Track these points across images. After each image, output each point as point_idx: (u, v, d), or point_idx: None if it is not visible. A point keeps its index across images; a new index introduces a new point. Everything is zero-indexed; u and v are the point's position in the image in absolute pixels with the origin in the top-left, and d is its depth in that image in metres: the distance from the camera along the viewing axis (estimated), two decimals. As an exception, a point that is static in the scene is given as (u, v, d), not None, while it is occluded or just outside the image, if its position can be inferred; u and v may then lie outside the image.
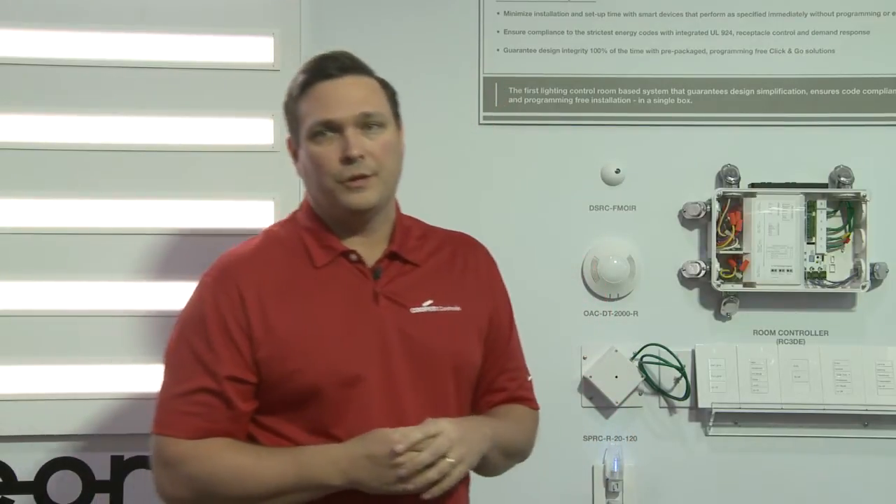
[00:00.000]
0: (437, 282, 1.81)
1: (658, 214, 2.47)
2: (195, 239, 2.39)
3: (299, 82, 1.77)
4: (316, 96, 1.73)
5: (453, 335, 1.79)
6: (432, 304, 1.78)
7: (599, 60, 2.48)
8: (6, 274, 2.35)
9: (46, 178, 2.36)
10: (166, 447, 1.71)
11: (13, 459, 2.37)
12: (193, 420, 1.70)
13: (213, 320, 1.71)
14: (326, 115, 1.71)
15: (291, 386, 1.70)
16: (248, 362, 1.70)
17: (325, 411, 1.70)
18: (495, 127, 2.48)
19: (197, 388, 1.70)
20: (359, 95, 1.73)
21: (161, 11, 2.40)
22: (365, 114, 1.72)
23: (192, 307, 1.77)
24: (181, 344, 1.74)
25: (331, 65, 1.75)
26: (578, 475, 2.45)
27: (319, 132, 1.72)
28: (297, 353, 1.69)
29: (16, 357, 2.34)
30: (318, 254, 1.76)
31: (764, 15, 2.48)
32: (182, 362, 1.73)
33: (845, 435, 2.45)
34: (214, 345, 1.70)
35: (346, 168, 1.70)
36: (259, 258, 1.77)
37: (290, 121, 1.80)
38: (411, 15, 2.47)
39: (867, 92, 2.47)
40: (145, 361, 2.36)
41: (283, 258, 1.77)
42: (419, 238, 1.84)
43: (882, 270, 2.43)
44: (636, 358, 2.44)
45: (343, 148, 1.70)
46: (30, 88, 2.37)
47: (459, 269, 1.86)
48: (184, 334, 1.75)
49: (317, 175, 1.73)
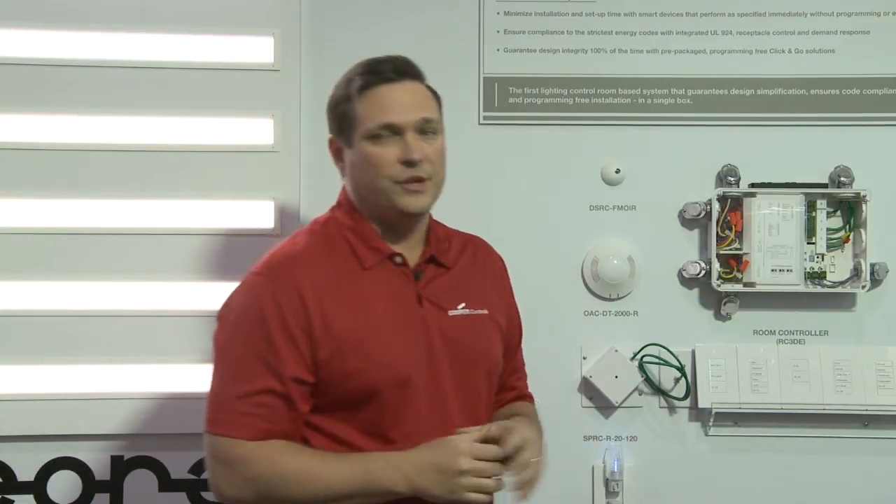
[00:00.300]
0: (467, 285, 1.85)
1: (658, 214, 2.47)
2: (195, 239, 2.39)
3: (358, 85, 1.77)
4: (376, 99, 1.75)
5: (484, 338, 1.84)
6: (465, 306, 1.82)
7: (599, 60, 2.48)
8: (6, 274, 2.35)
9: (46, 178, 2.36)
10: (228, 448, 1.69)
11: (13, 459, 2.38)
12: (256, 421, 1.69)
13: (273, 319, 1.70)
14: (389, 118, 1.74)
15: (349, 386, 1.71)
16: (308, 363, 1.71)
17: (380, 412, 1.72)
18: (495, 127, 2.48)
19: (260, 389, 1.69)
20: (417, 100, 1.77)
21: (161, 11, 2.40)
22: (425, 119, 1.76)
23: (246, 305, 1.74)
24: (236, 343, 1.72)
25: (387, 68, 1.77)
26: (578, 475, 2.45)
27: (380, 134, 1.74)
28: (356, 354, 1.71)
29: (16, 357, 2.35)
30: (366, 255, 1.78)
31: (764, 15, 2.48)
32: (240, 362, 1.71)
33: (845, 435, 2.45)
34: (276, 345, 1.69)
35: (405, 170, 1.73)
36: (312, 257, 1.77)
37: (339, 121, 1.81)
38: (411, 15, 2.47)
39: (867, 92, 2.47)
40: (146, 361, 2.37)
41: (332, 258, 1.78)
42: (444, 240, 1.88)
43: (882, 270, 2.43)
44: (636, 358, 2.44)
45: (403, 151, 1.73)
46: (30, 88, 2.37)
47: (480, 271, 1.90)
48: (239, 333, 1.73)
49: (371, 175, 1.75)
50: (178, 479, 2.41)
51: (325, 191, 2.37)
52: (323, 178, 2.39)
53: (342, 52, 2.43)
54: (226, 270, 2.38)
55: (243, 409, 1.69)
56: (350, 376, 1.71)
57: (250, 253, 2.35)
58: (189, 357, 2.36)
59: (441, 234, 1.88)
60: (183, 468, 2.40)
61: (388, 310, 1.75)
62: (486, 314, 1.84)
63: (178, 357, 2.37)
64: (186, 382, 2.37)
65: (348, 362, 1.70)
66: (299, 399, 1.71)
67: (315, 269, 1.74)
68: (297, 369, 1.70)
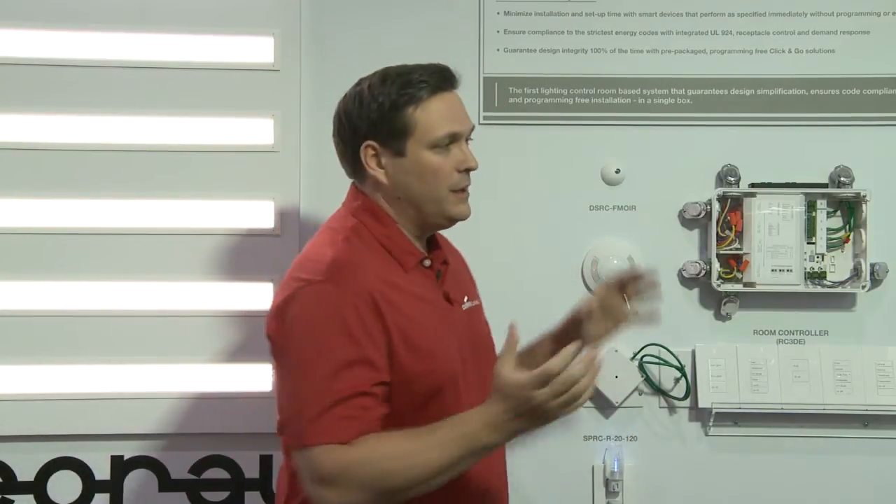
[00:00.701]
0: (462, 279, 1.93)
1: (658, 214, 2.47)
2: (195, 239, 2.39)
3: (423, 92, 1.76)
4: (439, 108, 1.77)
5: (486, 326, 1.95)
6: (468, 300, 1.89)
7: (599, 60, 2.48)
8: (6, 274, 2.35)
9: (46, 178, 2.36)
10: (324, 460, 1.64)
11: (13, 459, 2.38)
12: (356, 424, 1.65)
13: (355, 324, 1.68)
14: (455, 127, 1.78)
15: (417, 386, 1.73)
16: (387, 364, 1.71)
17: (440, 411, 1.71)
18: (495, 127, 2.48)
19: (355, 392, 1.66)
20: (465, 109, 1.83)
21: (161, 11, 2.40)
22: (473, 128, 1.83)
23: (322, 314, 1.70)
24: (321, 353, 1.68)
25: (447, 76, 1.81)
26: (578, 475, 2.45)
27: (444, 143, 1.77)
28: (425, 354, 1.74)
29: (16, 357, 2.35)
30: (406, 259, 1.80)
31: (764, 15, 2.48)
32: (330, 371, 1.67)
33: (845, 435, 2.45)
34: (364, 348, 1.68)
35: (463, 178, 1.79)
36: (366, 261, 1.75)
37: (389, 128, 1.77)
38: (411, 15, 2.47)
39: (867, 92, 2.47)
40: (146, 361, 2.37)
41: (379, 262, 1.77)
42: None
43: (882, 270, 2.43)
44: (636, 358, 2.44)
45: (461, 160, 1.78)
46: (30, 88, 2.37)
47: (461, 265, 1.98)
48: (322, 342, 1.68)
49: (430, 184, 1.77)
50: (178, 479, 2.40)
51: (325, 191, 2.38)
52: (323, 178, 2.39)
53: (342, 52, 2.44)
54: (226, 270, 2.38)
55: (343, 414, 1.65)
56: (421, 377, 1.73)
57: (250, 253, 2.37)
58: (189, 357, 2.36)
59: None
60: (183, 468, 2.40)
61: (432, 310, 1.79)
62: (478, 305, 1.94)
63: (179, 357, 2.37)
64: (187, 382, 2.37)
65: (420, 363, 1.73)
66: (385, 399, 1.71)
67: (374, 273, 1.73)
68: (384, 372, 1.70)
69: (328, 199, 2.36)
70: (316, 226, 2.19)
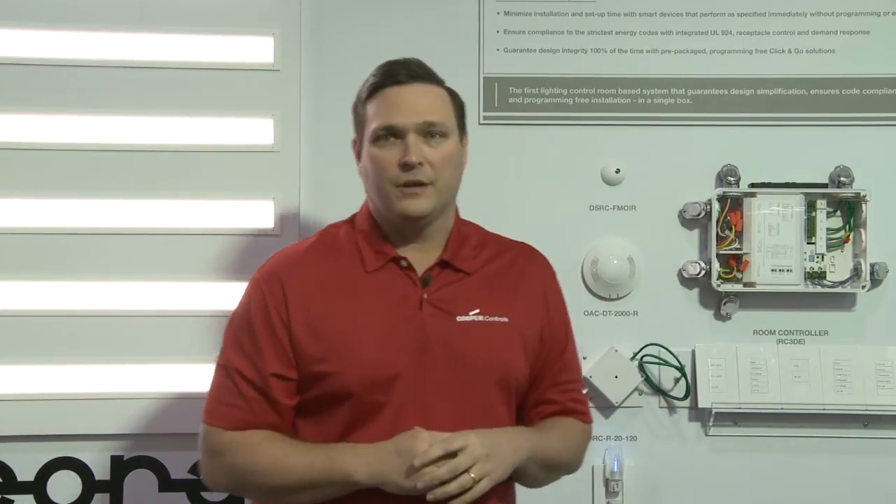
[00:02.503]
0: (487, 291, 1.81)
1: (658, 214, 2.47)
2: (195, 239, 2.39)
3: (368, 85, 1.80)
4: (383, 101, 1.77)
5: (498, 346, 1.79)
6: (479, 313, 1.79)
7: (599, 60, 2.48)
8: (6, 274, 2.35)
9: (46, 178, 2.36)
10: (211, 436, 1.76)
11: (13, 459, 2.38)
12: (237, 412, 1.74)
13: (258, 317, 1.76)
14: (390, 120, 1.75)
15: (325, 387, 1.73)
16: (291, 360, 1.75)
17: (356, 414, 1.73)
18: (495, 127, 2.48)
19: (243, 382, 1.75)
20: (425, 103, 1.77)
21: (161, 11, 2.40)
22: (428, 122, 1.75)
23: (240, 306, 1.82)
24: (231, 339, 1.79)
25: (401, 70, 1.78)
26: (578, 475, 2.43)
27: (382, 136, 1.75)
28: (331, 356, 1.73)
29: (16, 357, 2.35)
30: (370, 258, 1.79)
31: (764, 15, 2.48)
32: (231, 357, 1.78)
33: (845, 435, 2.45)
34: (260, 342, 1.75)
35: (404, 173, 1.73)
36: (308, 258, 1.81)
37: (357, 122, 1.84)
38: (411, 15, 2.47)
39: (867, 92, 2.47)
40: (146, 361, 2.37)
41: (334, 260, 1.80)
42: (476, 247, 1.86)
43: (882, 270, 2.43)
44: (636, 358, 2.44)
45: (402, 153, 1.73)
46: (30, 88, 2.37)
47: (514, 279, 1.86)
48: (233, 330, 1.80)
49: (375, 178, 1.77)
50: (178, 479, 2.41)
51: (325, 191, 2.38)
52: (323, 178, 2.40)
53: (342, 52, 2.44)
54: (226, 270, 2.38)
55: (227, 401, 1.76)
56: (325, 377, 1.73)
57: (250, 253, 2.37)
58: (189, 357, 2.36)
59: (472, 239, 1.87)
60: (183, 468, 2.40)
61: (382, 314, 1.75)
62: (505, 322, 1.80)
63: (179, 357, 2.37)
64: (186, 382, 2.36)
65: (322, 364, 1.73)
66: (280, 394, 1.74)
67: (308, 270, 1.78)
68: (277, 365, 1.74)
69: (328, 199, 2.38)
70: (316, 226, 2.20)
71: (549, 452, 1.81)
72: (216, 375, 1.80)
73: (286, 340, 1.74)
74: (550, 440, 1.82)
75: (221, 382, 1.78)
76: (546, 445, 1.80)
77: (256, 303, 1.77)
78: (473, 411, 1.74)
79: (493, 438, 1.69)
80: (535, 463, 1.78)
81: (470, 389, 1.76)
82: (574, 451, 1.91)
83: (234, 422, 1.74)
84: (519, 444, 1.74)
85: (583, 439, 1.93)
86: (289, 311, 1.75)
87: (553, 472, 1.88)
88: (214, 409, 1.78)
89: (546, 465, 1.82)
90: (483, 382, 1.77)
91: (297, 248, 1.85)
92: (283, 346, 1.74)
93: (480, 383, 1.77)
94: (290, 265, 1.80)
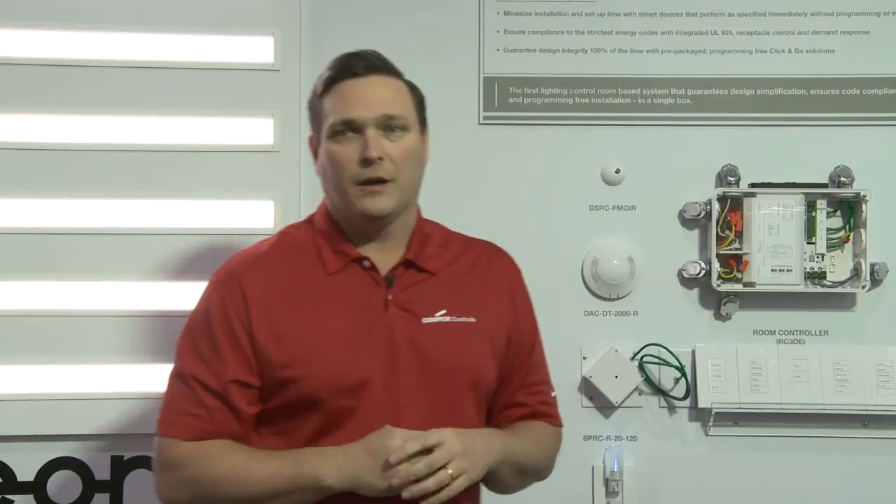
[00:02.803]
0: (453, 291, 1.76)
1: (658, 214, 2.47)
2: (195, 239, 2.39)
3: (324, 79, 1.73)
4: (339, 94, 1.69)
5: (466, 347, 1.74)
6: (445, 314, 1.73)
7: (599, 60, 2.48)
8: (6, 274, 2.35)
9: (46, 178, 2.36)
10: (167, 448, 1.69)
11: (13, 459, 2.37)
12: (195, 421, 1.67)
13: (217, 321, 1.68)
14: (348, 114, 1.67)
15: (290, 394, 1.66)
16: (252, 365, 1.67)
17: (322, 423, 1.66)
18: (495, 127, 2.48)
19: (201, 390, 1.67)
20: (383, 96, 1.69)
21: (161, 11, 2.40)
22: (388, 115, 1.68)
23: (198, 310, 1.74)
24: (188, 345, 1.72)
25: (358, 63, 1.71)
26: (578, 475, 2.45)
27: (340, 131, 1.68)
28: (297, 361, 1.66)
29: (16, 357, 2.34)
30: (331, 259, 1.72)
31: (764, 15, 2.48)
32: (188, 364, 1.70)
33: (845, 435, 2.45)
34: (219, 347, 1.68)
35: (364, 170, 1.66)
36: (268, 260, 1.74)
37: (313, 118, 1.77)
38: (411, 15, 2.47)
39: (867, 92, 2.47)
40: (145, 361, 2.36)
41: (294, 262, 1.73)
42: (439, 245, 1.79)
43: (882, 270, 2.43)
44: (636, 358, 2.44)
45: (362, 149, 1.66)
46: (30, 88, 2.36)
47: (480, 278, 1.80)
48: (190, 335, 1.72)
49: (334, 175, 1.70)
50: (178, 479, 2.40)
51: (324, 191, 2.38)
52: (323, 178, 2.39)
53: (342, 53, 2.44)
54: (226, 270, 2.38)
55: (185, 410, 1.68)
56: (290, 383, 1.66)
57: (250, 253, 2.36)
58: (189, 357, 2.36)
59: (435, 238, 1.80)
60: (183, 468, 2.40)
61: (346, 317, 1.68)
62: (472, 323, 1.74)
63: (178, 357, 2.37)
64: (186, 382, 2.36)
65: (287, 370, 1.66)
66: (241, 401, 1.67)
67: (268, 273, 1.71)
68: (238, 372, 1.66)
69: (328, 199, 2.38)
70: (316, 226, 2.19)
71: (522, 456, 1.76)
72: (171, 383, 1.72)
73: (248, 345, 1.67)
74: (524, 444, 1.78)
75: (178, 391, 1.70)
76: (519, 449, 1.76)
77: (216, 306, 1.69)
78: (445, 415, 1.68)
79: (468, 436, 1.64)
80: (509, 466, 1.73)
81: (441, 393, 1.70)
82: (546, 457, 1.86)
83: (192, 432, 1.66)
84: (493, 445, 1.69)
85: (555, 444, 1.88)
86: (250, 314, 1.67)
87: (525, 477, 1.83)
88: (170, 419, 1.69)
89: (519, 470, 1.77)
90: (454, 386, 1.72)
91: (255, 250, 1.77)
92: (244, 352, 1.67)
93: (451, 387, 1.71)
94: (250, 267, 1.72)
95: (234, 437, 1.68)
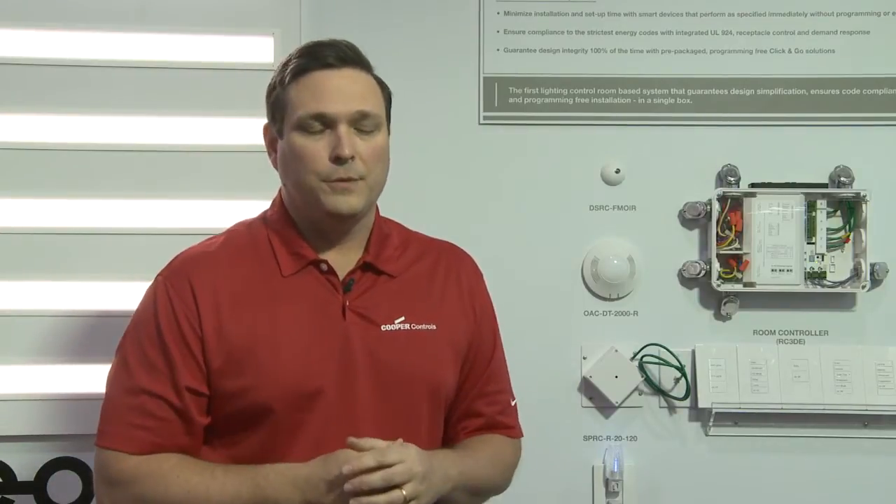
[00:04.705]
0: (412, 296, 1.68)
1: (658, 214, 2.47)
2: (195, 239, 2.35)
3: (292, 67, 1.63)
4: (310, 85, 1.60)
5: (425, 357, 1.67)
6: (405, 321, 1.66)
7: (599, 60, 2.48)
8: (6, 274, 2.35)
9: (46, 178, 2.36)
10: (112, 464, 1.58)
11: (13, 459, 2.37)
12: (144, 434, 1.57)
13: (165, 324, 1.59)
14: (321, 107, 1.58)
15: (241, 403, 1.59)
16: (203, 372, 1.59)
17: (275, 435, 1.59)
18: (495, 127, 2.48)
19: (147, 398, 1.58)
20: (357, 91, 1.61)
21: (161, 11, 2.40)
22: (362, 112, 1.60)
23: (142, 311, 1.64)
24: (132, 348, 1.62)
25: (329, 53, 1.61)
26: (578, 475, 2.45)
27: (309, 125, 1.60)
28: (249, 369, 1.58)
29: (16, 357, 2.34)
30: (287, 261, 1.64)
31: (764, 15, 2.48)
32: (133, 369, 1.60)
33: (845, 435, 2.45)
34: (169, 351, 1.58)
35: (335, 168, 1.58)
36: (218, 260, 1.65)
37: (274, 107, 1.67)
38: (411, 15, 2.47)
39: (867, 92, 2.47)
40: (145, 361, 2.36)
41: (247, 262, 1.65)
42: (398, 247, 1.72)
43: (882, 270, 2.43)
44: (636, 358, 2.44)
45: (334, 146, 1.58)
46: (30, 88, 2.36)
47: (440, 282, 1.73)
48: (135, 339, 1.63)
49: (299, 171, 1.61)
50: (178, 479, 2.40)
51: (325, 191, 2.38)
52: (323, 178, 2.39)
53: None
54: (226, 270, 2.38)
55: (132, 421, 1.58)
56: (241, 392, 1.58)
57: (250, 253, 2.36)
58: (189, 357, 2.35)
59: (394, 238, 1.72)
60: (183, 468, 2.40)
61: (302, 323, 1.60)
62: (433, 330, 1.67)
63: (178, 357, 2.37)
64: (186, 382, 2.36)
65: (239, 378, 1.58)
66: (195, 410, 1.58)
67: (219, 273, 1.62)
68: (190, 378, 1.58)
69: (328, 199, 2.37)
70: (316, 226, 2.19)
71: (477, 478, 1.68)
72: (112, 390, 1.62)
73: (198, 351, 1.57)
74: (479, 466, 1.70)
75: (120, 399, 1.59)
76: (474, 473, 1.68)
77: (163, 307, 1.59)
78: (402, 428, 1.61)
79: (429, 461, 1.55)
80: (462, 490, 1.65)
81: (398, 405, 1.63)
82: (502, 474, 1.77)
83: (140, 445, 1.56)
84: (448, 473, 1.60)
85: (513, 458, 1.81)
86: (200, 316, 1.58)
87: (481, 496, 1.75)
88: (114, 431, 1.58)
89: (474, 491, 1.70)
90: (412, 397, 1.65)
91: (204, 248, 1.68)
92: (194, 357, 1.57)
93: (410, 398, 1.65)
94: (199, 266, 1.63)
95: (183, 451, 1.60)
